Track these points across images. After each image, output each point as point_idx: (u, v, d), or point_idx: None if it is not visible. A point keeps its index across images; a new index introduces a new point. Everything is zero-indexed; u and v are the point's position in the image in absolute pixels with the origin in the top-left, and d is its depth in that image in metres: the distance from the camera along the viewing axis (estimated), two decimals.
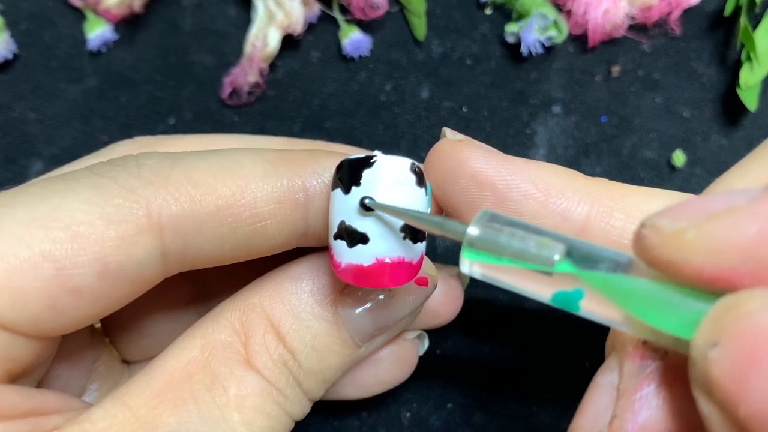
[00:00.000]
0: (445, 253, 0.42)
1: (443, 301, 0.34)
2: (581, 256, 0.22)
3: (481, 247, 0.23)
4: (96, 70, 0.45)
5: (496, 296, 0.42)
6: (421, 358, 0.36)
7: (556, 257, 0.22)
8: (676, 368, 0.22)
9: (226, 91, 0.44)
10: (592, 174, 0.41)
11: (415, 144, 0.44)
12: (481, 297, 0.42)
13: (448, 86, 0.45)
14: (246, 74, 0.44)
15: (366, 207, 0.26)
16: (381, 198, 0.26)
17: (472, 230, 0.23)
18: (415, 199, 0.26)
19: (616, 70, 0.44)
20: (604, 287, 0.22)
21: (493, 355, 0.41)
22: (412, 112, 0.45)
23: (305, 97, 0.45)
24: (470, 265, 0.24)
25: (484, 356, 0.41)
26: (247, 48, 0.44)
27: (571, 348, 0.41)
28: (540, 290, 0.23)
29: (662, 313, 0.21)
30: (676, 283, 0.21)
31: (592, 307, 0.23)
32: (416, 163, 0.27)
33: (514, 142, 0.44)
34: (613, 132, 0.44)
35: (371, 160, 0.26)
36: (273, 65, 0.45)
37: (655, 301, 0.21)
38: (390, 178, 0.26)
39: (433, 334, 0.37)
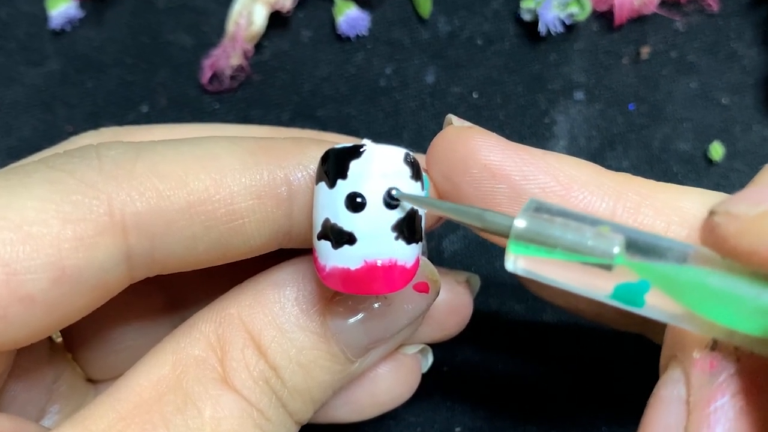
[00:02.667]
0: (453, 257, 0.42)
1: (449, 311, 0.34)
2: (642, 248, 0.22)
3: (530, 240, 0.23)
4: (59, 52, 0.45)
5: (511, 307, 0.42)
6: (426, 377, 0.36)
7: (616, 249, 0.22)
8: (752, 374, 0.22)
9: (205, 75, 0.44)
10: (619, 169, 0.41)
11: (419, 134, 0.44)
12: (494, 307, 0.42)
13: (457, 69, 0.44)
14: (228, 56, 0.44)
15: (355, 203, 0.25)
16: (370, 193, 0.25)
17: (520, 222, 0.23)
18: None
19: (645, 51, 0.44)
20: (671, 282, 0.22)
21: (508, 373, 0.41)
22: (415, 99, 0.44)
23: (295, 81, 0.45)
24: (515, 260, 0.24)
25: (498, 374, 0.41)
26: (230, 27, 0.44)
27: (596, 365, 0.40)
28: (597, 285, 0.23)
29: (738, 308, 0.21)
30: (754, 275, 0.21)
31: (659, 302, 0.22)
32: (411, 153, 0.26)
33: (530, 132, 0.44)
34: (643, 121, 0.43)
35: (360, 150, 0.26)
36: (259, 46, 0.45)
37: (729, 296, 0.21)
38: (380, 169, 0.26)
39: (440, 348, 0.37)
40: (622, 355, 0.40)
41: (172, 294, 0.34)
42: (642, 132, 0.43)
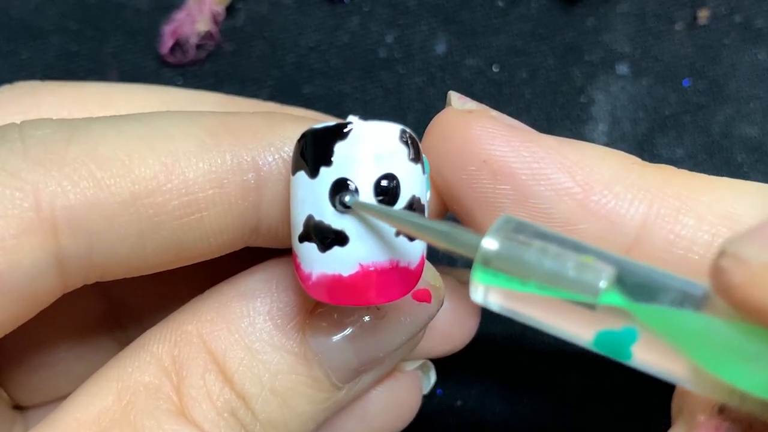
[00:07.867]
0: (468, 266, 0.42)
1: (452, 319, 0.34)
2: (636, 284, 0.22)
3: (500, 268, 0.23)
4: None
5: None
6: (437, 413, 0.36)
7: (602, 284, 0.22)
8: None
9: (166, 44, 0.44)
10: (671, 159, 0.41)
11: (426, 116, 0.43)
12: (518, 331, 0.42)
13: (473, 37, 0.45)
14: (194, 21, 0.44)
15: (344, 195, 0.25)
16: (362, 181, 0.25)
17: (489, 243, 0.23)
18: (409, 180, 0.26)
19: (703, 15, 0.44)
20: (666, 328, 0.22)
21: (535, 410, 0.41)
22: (422, 73, 0.45)
23: (276, 52, 0.45)
24: (485, 292, 0.24)
25: (523, 410, 0.41)
26: None
27: (640, 402, 0.40)
28: (578, 329, 0.23)
29: (747, 366, 0.21)
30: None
31: (649, 356, 0.22)
32: (408, 129, 0.26)
33: (563, 113, 0.44)
34: (700, 100, 0.43)
35: (345, 129, 0.26)
36: (231, 9, 0.45)
37: (737, 351, 0.21)
38: (372, 151, 0.25)
39: (453, 379, 0.37)
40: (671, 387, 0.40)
41: (116, 304, 0.34)
42: (699, 113, 0.43)
